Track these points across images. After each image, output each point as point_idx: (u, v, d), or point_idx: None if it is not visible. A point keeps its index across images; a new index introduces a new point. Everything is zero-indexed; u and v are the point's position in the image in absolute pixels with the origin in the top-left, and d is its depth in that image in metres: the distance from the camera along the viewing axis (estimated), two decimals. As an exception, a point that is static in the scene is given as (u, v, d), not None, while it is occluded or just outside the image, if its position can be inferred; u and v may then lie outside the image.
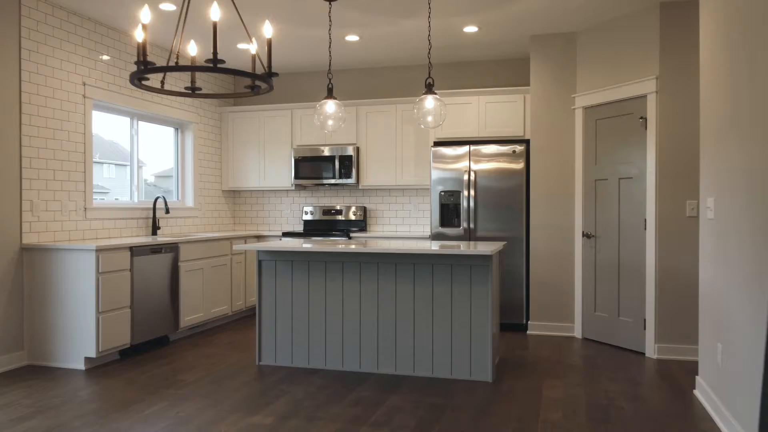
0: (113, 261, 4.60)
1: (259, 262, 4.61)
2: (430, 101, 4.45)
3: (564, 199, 5.65)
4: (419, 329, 4.28)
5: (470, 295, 4.18)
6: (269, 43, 2.67)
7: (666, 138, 4.80)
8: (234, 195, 7.43)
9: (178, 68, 2.37)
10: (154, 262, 5.07)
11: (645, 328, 4.90)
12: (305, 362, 4.52)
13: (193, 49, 2.81)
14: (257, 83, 3.59)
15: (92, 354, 4.46)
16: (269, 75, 2.60)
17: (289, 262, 4.54)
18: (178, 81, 6.31)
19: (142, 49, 2.42)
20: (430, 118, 4.49)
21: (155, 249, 5.08)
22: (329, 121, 4.68)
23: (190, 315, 5.55)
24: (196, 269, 5.64)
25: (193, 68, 2.39)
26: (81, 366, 4.49)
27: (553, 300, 5.68)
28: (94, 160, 5.40)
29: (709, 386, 3.63)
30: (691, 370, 4.46)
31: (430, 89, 4.46)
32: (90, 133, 5.18)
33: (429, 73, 4.47)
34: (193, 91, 2.84)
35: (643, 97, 4.93)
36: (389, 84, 6.94)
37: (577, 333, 5.58)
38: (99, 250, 4.46)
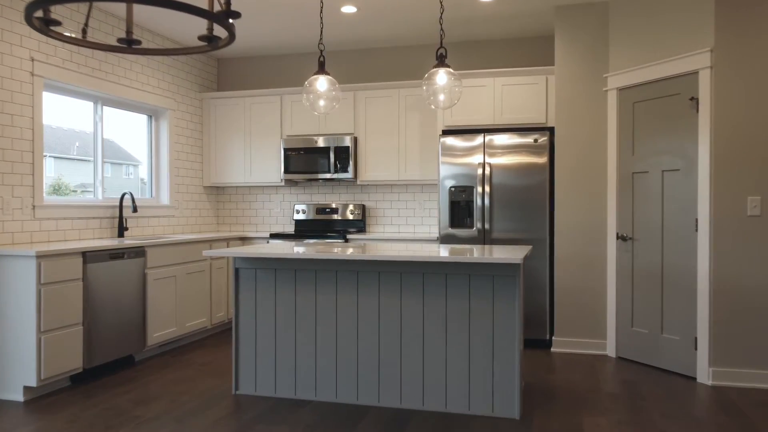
0: (60, 269, 3.82)
1: (236, 271, 3.83)
2: (442, 76, 3.67)
3: (594, 195, 4.87)
4: (430, 353, 3.50)
5: (492, 312, 3.40)
6: (228, -28, 1.89)
7: (723, 121, 4.02)
8: (217, 192, 6.65)
9: (88, -2, 1.60)
10: (114, 270, 4.29)
11: (696, 349, 4.13)
12: (291, 392, 3.74)
13: (129, -11, 2.03)
14: (214, 32, 2.80)
15: (32, 383, 3.67)
16: (227, 15, 1.82)
17: (271, 270, 3.76)
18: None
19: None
20: (441, 97, 3.71)
21: (116, 254, 4.30)
22: (320, 101, 3.90)
23: (159, 331, 4.76)
24: (168, 277, 4.86)
25: (110, -2, 1.62)
26: (20, 397, 3.70)
27: (582, 312, 4.90)
28: (94, 158, 4.64)
29: (800, 431, 2.86)
30: (760, 401, 3.68)
31: (442, 61, 3.68)
32: (40, 117, 4.40)
33: (441, 42, 3.69)
34: (129, 45, 2.08)
35: (694, 73, 4.15)
36: (391, 66, 6.16)
37: (610, 351, 4.80)
38: (41, 257, 3.68)
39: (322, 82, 3.87)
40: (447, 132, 5.42)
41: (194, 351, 4.97)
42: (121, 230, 5.08)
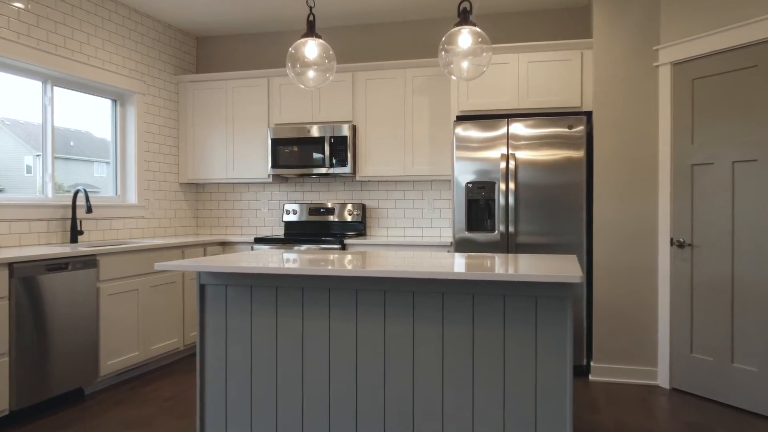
0: (-24, 286, 2.99)
1: (202, 288, 2.99)
2: (465, 37, 2.85)
3: (642, 192, 4.05)
4: (451, 397, 2.67)
5: (535, 344, 2.57)
6: None
7: (817, 99, 3.20)
8: (196, 189, 5.82)
9: None
10: (56, 285, 3.46)
11: (782, 384, 3.31)
12: (271, 445, 2.91)
13: None
14: None
15: (-65, 434, 2.85)
16: None
17: (246, 287, 2.93)
18: None
19: None
20: (465, 65, 2.89)
21: (56, 265, 3.47)
22: (309, 72, 3.07)
23: (116, 357, 3.93)
24: (127, 291, 4.03)
25: None
26: None
27: (627, 333, 4.08)
28: (88, 158, 3.97)
29: None
30: None
31: (465, 18, 2.86)
32: (-35, 96, 3.58)
33: (465, -7, 2.87)
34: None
35: (777, 39, 3.33)
36: (396, 43, 5.34)
37: (663, 381, 3.97)
38: (-53, 271, 2.86)
39: (311, 48, 3.04)
40: (462, 118, 4.60)
41: (160, 380, 4.13)
42: (75, 235, 4.25)
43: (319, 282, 2.81)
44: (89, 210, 4.16)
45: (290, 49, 3.06)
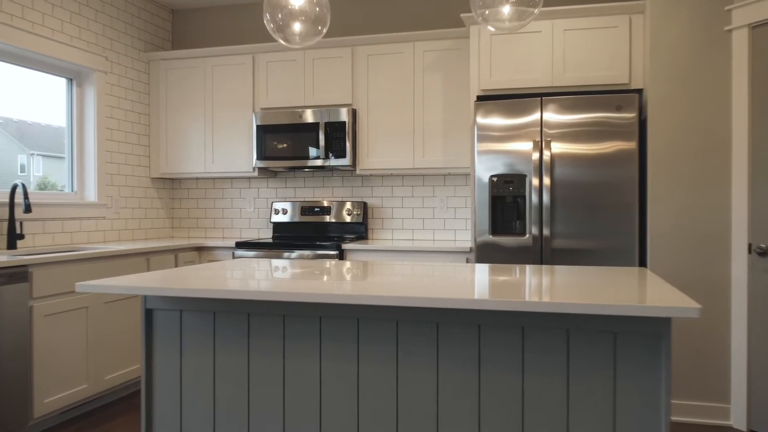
0: None
1: (148, 314, 2.22)
2: (507, -29, 2.08)
3: (711, 187, 3.28)
4: (491, 472, 1.90)
5: (614, 403, 1.81)
6: None
7: None
8: (170, 185, 5.04)
9: None
10: (-31, 305, 2.69)
11: None
12: None
13: None
14: None
15: None
16: None
17: (208, 314, 2.16)
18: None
19: None
20: (506, 9, 2.12)
21: (-29, 279, 2.70)
22: (295, 24, 2.30)
23: (56, 393, 3.15)
24: (72, 309, 3.25)
25: None
26: None
27: (691, 362, 3.31)
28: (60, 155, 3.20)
29: None
30: None
31: (508, -55, 2.09)
32: None
33: None
34: None
35: None
36: (404, 12, 4.57)
37: (738, 422, 3.20)
38: None
39: (297, -9, 2.27)
40: (484, 99, 3.83)
41: (114, 419, 3.35)
42: (12, 240, 3.48)
43: (306, 308, 2.04)
44: (27, 209, 3.38)
45: (269, -7, 2.29)
